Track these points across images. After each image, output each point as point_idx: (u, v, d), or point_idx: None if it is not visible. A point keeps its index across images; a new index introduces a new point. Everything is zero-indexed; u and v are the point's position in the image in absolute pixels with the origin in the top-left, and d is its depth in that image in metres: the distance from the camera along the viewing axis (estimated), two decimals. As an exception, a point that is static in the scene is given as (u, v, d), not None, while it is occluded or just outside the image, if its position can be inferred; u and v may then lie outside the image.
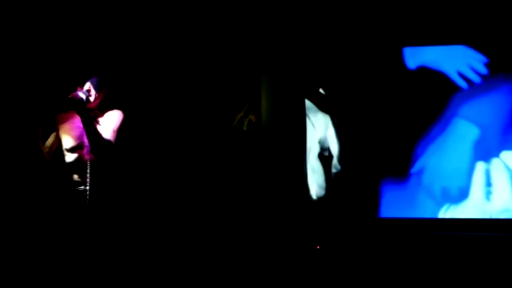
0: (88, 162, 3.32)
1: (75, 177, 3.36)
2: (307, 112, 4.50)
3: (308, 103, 4.51)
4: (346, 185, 4.51)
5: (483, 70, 4.50)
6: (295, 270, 4.26)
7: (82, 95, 3.26)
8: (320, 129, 4.51)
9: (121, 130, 3.44)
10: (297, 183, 4.49)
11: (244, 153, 4.54)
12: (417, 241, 4.41)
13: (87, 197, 3.29)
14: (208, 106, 4.58)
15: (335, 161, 4.55)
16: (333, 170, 4.55)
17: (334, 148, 4.55)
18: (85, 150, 3.34)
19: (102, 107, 3.47)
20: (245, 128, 4.57)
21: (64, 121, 3.42)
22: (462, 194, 4.54)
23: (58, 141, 3.44)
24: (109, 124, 3.39)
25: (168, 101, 4.55)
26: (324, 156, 4.66)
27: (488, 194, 4.47)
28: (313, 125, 4.48)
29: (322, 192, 4.50)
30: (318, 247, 4.42)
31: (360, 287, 4.16)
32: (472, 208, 4.48)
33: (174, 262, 4.31)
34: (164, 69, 4.56)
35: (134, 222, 3.96)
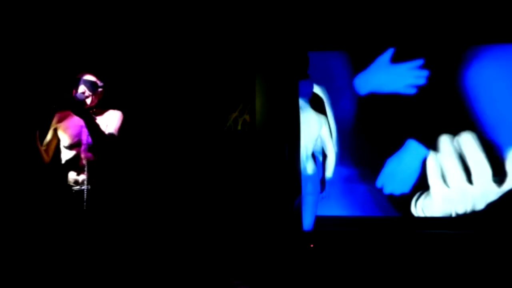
0: (86, 160, 3.35)
1: (73, 175, 3.39)
2: (301, 112, 4.53)
3: (302, 103, 4.54)
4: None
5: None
6: (289, 269, 4.28)
7: (79, 96, 3.30)
8: (314, 129, 4.54)
9: (119, 130, 3.47)
10: (291, 182, 4.52)
11: (238, 152, 4.56)
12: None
13: (85, 196, 3.32)
14: (203, 106, 4.60)
15: (328, 160, 4.59)
16: (327, 169, 4.59)
17: (328, 147, 4.59)
18: (82, 148, 3.36)
19: (101, 106, 3.50)
20: (239, 127, 4.59)
21: (62, 119, 3.45)
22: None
23: (56, 140, 3.46)
24: (109, 124, 3.42)
25: (162, 101, 4.56)
26: (318, 155, 4.70)
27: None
28: (307, 125, 4.51)
29: (315, 191, 4.53)
30: (312, 246, 4.45)
31: (356, 286, 4.19)
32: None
33: (170, 261, 4.34)
34: (159, 69, 4.58)
35: (130, 221, 3.99)
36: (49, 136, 3.46)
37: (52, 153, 3.47)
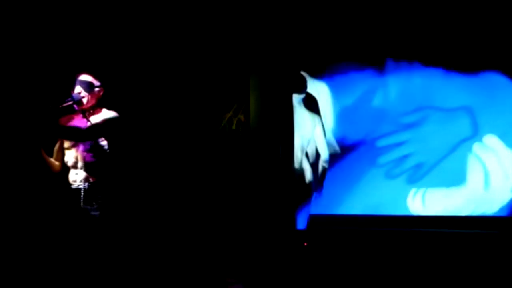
0: (84, 160, 3.39)
1: (72, 173, 3.44)
2: (295, 111, 4.58)
3: (295, 103, 4.57)
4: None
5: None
6: (283, 267, 4.32)
7: (75, 97, 3.35)
8: (307, 129, 4.58)
9: (112, 130, 3.51)
10: (285, 181, 4.56)
11: (233, 152, 4.60)
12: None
13: (82, 194, 3.37)
14: (198, 106, 4.63)
15: (322, 159, 4.62)
16: (321, 168, 4.63)
17: (321, 146, 4.62)
18: (80, 148, 3.41)
19: (100, 105, 3.54)
20: (234, 127, 4.62)
21: (66, 122, 3.50)
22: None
23: (63, 146, 3.53)
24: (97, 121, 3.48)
25: (158, 101, 4.59)
26: (312, 154, 4.73)
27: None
28: (300, 125, 4.55)
29: (310, 190, 4.57)
30: (305, 244, 4.49)
31: (351, 285, 4.22)
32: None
33: (165, 259, 4.37)
34: (154, 70, 4.60)
35: (127, 219, 4.01)
36: (57, 144, 3.53)
37: (61, 159, 3.52)
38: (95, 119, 3.47)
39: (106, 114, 3.52)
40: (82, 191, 3.37)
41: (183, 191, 4.55)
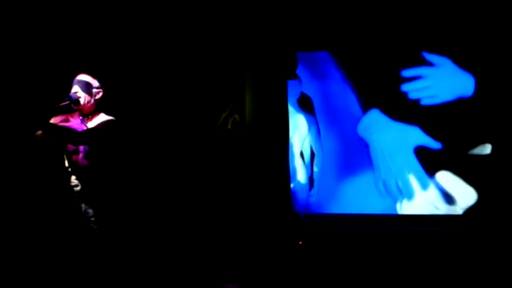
0: (84, 165, 3.40)
1: (74, 177, 3.44)
2: (290, 111, 4.61)
3: (290, 103, 4.60)
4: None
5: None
6: (278, 266, 4.34)
7: (73, 96, 3.37)
8: (302, 128, 4.61)
9: (108, 134, 3.52)
10: (280, 181, 4.59)
11: (228, 151, 4.63)
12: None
13: (78, 196, 3.38)
14: (194, 105, 4.65)
15: (316, 159, 4.66)
16: (315, 168, 4.66)
17: (316, 146, 4.65)
18: (80, 156, 3.42)
19: (98, 110, 3.54)
20: (229, 127, 4.65)
21: (63, 122, 3.50)
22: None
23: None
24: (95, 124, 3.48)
25: (154, 101, 4.61)
26: (306, 154, 4.77)
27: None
28: (295, 124, 4.58)
29: (304, 189, 4.60)
30: (300, 243, 4.52)
31: (347, 284, 4.24)
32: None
33: (160, 258, 4.39)
34: (150, 70, 4.62)
35: (122, 220, 4.03)
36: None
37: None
38: (92, 124, 3.48)
39: (103, 118, 3.53)
40: (76, 193, 3.39)
41: (179, 191, 4.57)
